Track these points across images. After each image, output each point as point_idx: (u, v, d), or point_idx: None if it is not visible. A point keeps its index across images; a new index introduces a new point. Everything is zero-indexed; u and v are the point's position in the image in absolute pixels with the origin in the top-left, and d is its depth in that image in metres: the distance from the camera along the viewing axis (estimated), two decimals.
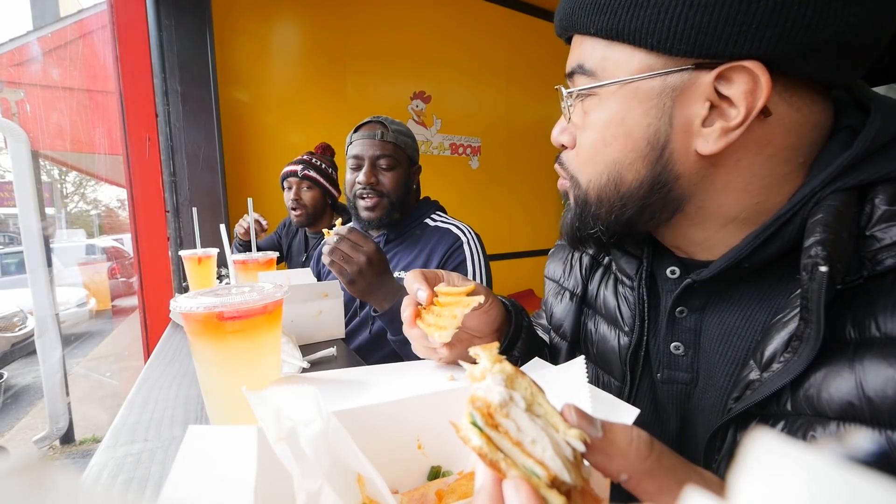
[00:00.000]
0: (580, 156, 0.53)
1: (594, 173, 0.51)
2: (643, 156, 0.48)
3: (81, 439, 2.23)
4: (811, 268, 0.38)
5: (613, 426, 0.26)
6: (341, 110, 2.68)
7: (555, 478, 0.23)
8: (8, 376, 2.50)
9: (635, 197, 0.50)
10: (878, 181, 0.42)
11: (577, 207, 0.55)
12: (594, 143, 0.50)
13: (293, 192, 1.95)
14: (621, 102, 0.47)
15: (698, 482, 0.25)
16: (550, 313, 0.74)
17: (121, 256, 3.48)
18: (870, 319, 0.38)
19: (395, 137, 1.32)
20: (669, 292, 0.56)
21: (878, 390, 0.35)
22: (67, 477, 0.12)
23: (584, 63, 0.49)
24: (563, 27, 0.53)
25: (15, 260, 2.97)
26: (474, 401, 0.25)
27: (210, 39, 2.05)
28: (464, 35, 3.12)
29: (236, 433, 0.37)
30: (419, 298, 0.58)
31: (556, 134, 0.56)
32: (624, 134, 0.48)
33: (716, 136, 0.44)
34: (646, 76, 0.45)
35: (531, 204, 3.63)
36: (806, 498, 0.12)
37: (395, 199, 1.32)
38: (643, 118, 0.47)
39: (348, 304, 1.39)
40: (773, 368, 0.41)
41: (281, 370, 0.65)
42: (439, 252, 1.28)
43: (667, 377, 0.56)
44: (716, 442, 0.46)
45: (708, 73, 0.43)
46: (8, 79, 2.15)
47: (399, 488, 0.43)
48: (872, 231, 0.40)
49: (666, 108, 0.46)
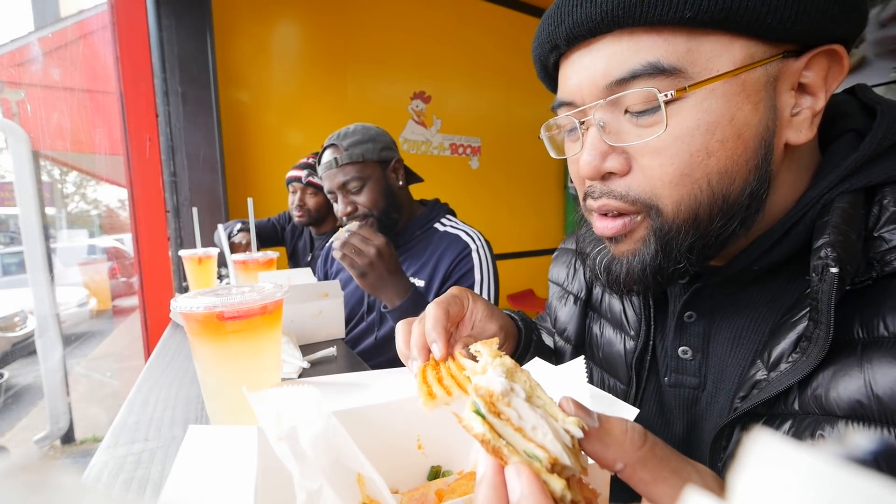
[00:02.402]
0: (664, 177, 0.43)
1: (689, 193, 0.43)
2: (754, 158, 0.42)
3: (82, 439, 2.23)
4: (821, 269, 0.38)
5: (609, 417, 0.26)
6: (341, 110, 2.68)
7: (555, 462, 0.24)
8: (8, 376, 2.50)
9: (742, 207, 0.43)
10: (885, 183, 0.42)
11: (658, 242, 0.45)
12: (691, 156, 0.41)
13: (297, 197, 1.96)
14: (727, 99, 0.40)
15: (691, 472, 0.26)
16: (555, 317, 0.74)
17: (121, 256, 3.48)
18: (878, 319, 0.38)
19: (351, 155, 1.26)
20: (678, 297, 0.55)
21: (886, 389, 0.36)
22: (68, 477, 0.12)
23: (661, 60, 0.40)
24: (610, 19, 0.41)
25: (15, 260, 2.97)
26: (477, 389, 0.25)
27: (210, 39, 2.05)
28: (464, 35, 3.12)
29: (236, 433, 0.37)
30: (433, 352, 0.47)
31: (594, 160, 0.45)
32: (734, 136, 0.41)
33: (807, 123, 0.43)
34: (752, 66, 0.40)
35: (531, 204, 3.63)
36: (806, 498, 0.12)
37: (379, 212, 1.29)
38: (754, 114, 0.41)
39: (354, 309, 1.38)
40: (781, 368, 0.41)
41: (281, 370, 0.65)
42: (447, 259, 1.27)
43: (674, 381, 0.55)
44: (721, 441, 0.46)
45: (796, 59, 0.41)
46: (9, 79, 2.15)
47: (399, 488, 0.43)
48: (880, 232, 0.40)
49: (771, 99, 0.42)
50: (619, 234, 0.48)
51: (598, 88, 0.44)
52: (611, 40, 0.43)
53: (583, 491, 0.25)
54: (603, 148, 0.45)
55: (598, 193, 0.47)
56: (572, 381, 0.38)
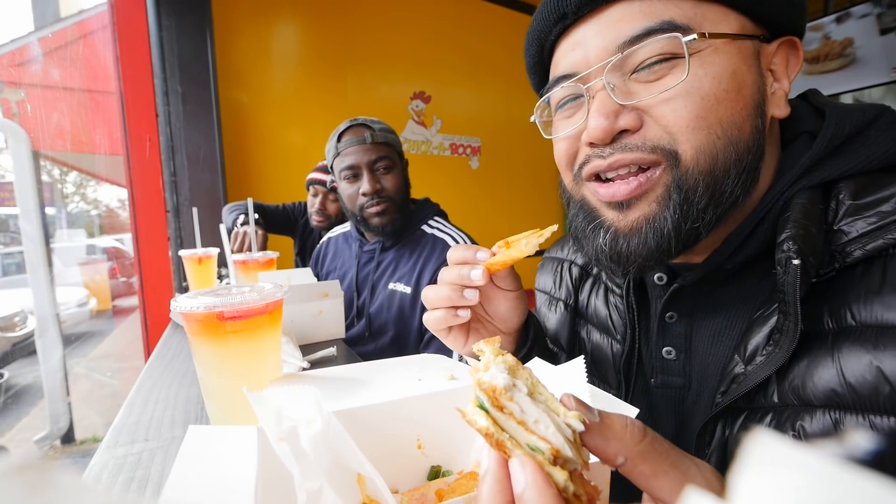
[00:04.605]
0: (679, 122, 0.44)
1: (705, 138, 0.44)
2: (752, 116, 0.45)
3: (82, 439, 2.22)
4: (784, 262, 0.41)
5: (609, 413, 0.27)
6: (342, 110, 2.68)
7: (557, 454, 0.24)
8: (8, 376, 2.50)
9: (748, 167, 0.45)
10: (839, 178, 0.45)
11: (679, 195, 0.45)
12: (703, 99, 0.43)
13: (319, 200, 1.93)
14: (729, 57, 0.44)
15: (690, 466, 0.26)
16: (544, 325, 0.74)
17: (121, 256, 3.48)
18: (845, 309, 0.40)
19: (385, 137, 1.28)
20: (658, 298, 0.57)
21: (857, 376, 0.38)
22: (68, 477, 0.12)
23: (675, 19, 0.44)
24: None
25: (15, 260, 2.97)
26: (480, 384, 0.26)
27: (210, 40, 2.05)
28: (464, 35, 3.12)
29: (236, 433, 0.37)
30: (474, 279, 0.50)
31: (607, 119, 0.45)
32: (736, 89, 0.44)
33: (783, 101, 0.48)
34: (745, 37, 0.45)
35: (531, 204, 3.63)
36: (806, 498, 0.12)
37: (399, 201, 1.30)
38: (749, 75, 0.45)
39: (346, 311, 1.38)
40: (757, 361, 0.43)
41: (281, 370, 0.65)
42: (432, 264, 1.26)
43: (661, 382, 0.56)
44: (705, 437, 0.47)
45: (768, 45, 0.47)
46: (9, 79, 2.15)
47: (399, 488, 0.43)
48: (840, 225, 0.42)
49: (759, 69, 0.46)
50: (634, 196, 0.47)
51: (608, 51, 0.46)
52: (622, 5, 0.46)
53: (584, 486, 0.25)
54: (614, 107, 0.46)
55: (608, 152, 0.47)
56: (572, 380, 0.38)
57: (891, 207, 0.40)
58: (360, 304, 1.35)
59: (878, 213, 0.41)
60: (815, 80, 2.88)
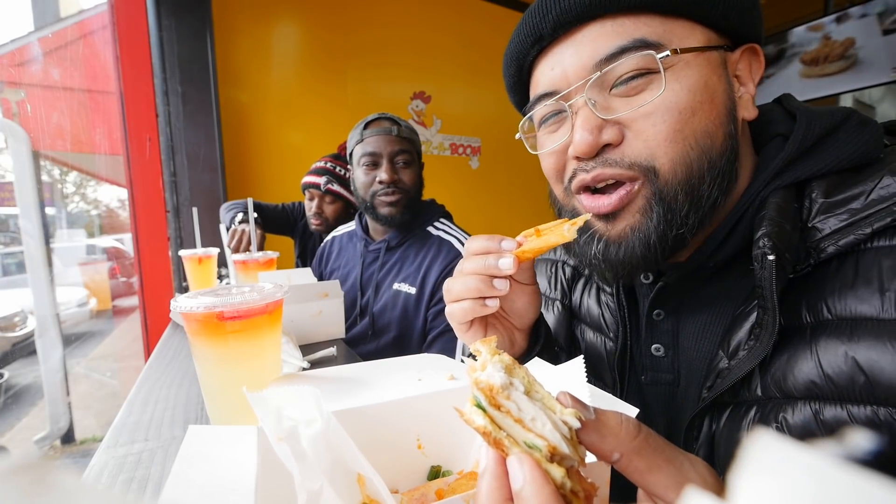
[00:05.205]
0: (658, 136, 0.46)
1: (682, 151, 0.46)
2: (724, 123, 0.48)
3: (82, 439, 2.22)
4: (761, 258, 0.42)
5: (605, 410, 0.27)
6: (341, 110, 2.68)
7: (554, 451, 0.24)
8: (8, 376, 2.50)
9: (722, 171, 0.48)
10: (811, 178, 0.47)
11: (660, 206, 0.47)
12: (680, 113, 0.46)
13: (315, 204, 1.92)
14: (700, 69, 0.47)
15: (684, 461, 0.27)
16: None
17: (121, 256, 3.48)
18: (821, 303, 0.42)
19: (409, 133, 1.32)
20: (645, 296, 0.58)
21: (835, 367, 0.39)
22: (68, 477, 0.12)
23: (646, 37, 0.46)
24: (598, 3, 0.47)
25: (15, 260, 2.97)
26: (478, 384, 0.26)
27: (210, 39, 2.05)
28: (464, 35, 3.12)
29: (236, 433, 0.37)
30: (503, 268, 0.48)
31: (591, 134, 0.47)
32: (709, 99, 0.47)
33: (750, 104, 0.51)
34: (712, 49, 0.48)
35: (531, 204, 3.63)
36: (806, 498, 0.12)
37: (413, 195, 1.32)
38: (719, 84, 0.48)
39: (348, 312, 1.38)
40: (740, 356, 0.45)
41: (281, 370, 0.65)
42: (438, 266, 1.27)
43: (651, 379, 0.58)
44: (692, 432, 0.49)
45: (732, 53, 0.50)
46: (9, 79, 2.15)
47: (399, 488, 0.43)
48: (813, 223, 0.44)
49: (727, 77, 0.49)
50: (617, 208, 0.49)
51: (586, 69, 0.49)
52: (596, 26, 0.48)
53: (581, 482, 0.26)
54: (597, 122, 0.48)
55: (591, 166, 0.50)
56: (572, 380, 0.38)
57: (860, 205, 0.42)
58: (363, 303, 1.36)
59: (849, 211, 0.42)
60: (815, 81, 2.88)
